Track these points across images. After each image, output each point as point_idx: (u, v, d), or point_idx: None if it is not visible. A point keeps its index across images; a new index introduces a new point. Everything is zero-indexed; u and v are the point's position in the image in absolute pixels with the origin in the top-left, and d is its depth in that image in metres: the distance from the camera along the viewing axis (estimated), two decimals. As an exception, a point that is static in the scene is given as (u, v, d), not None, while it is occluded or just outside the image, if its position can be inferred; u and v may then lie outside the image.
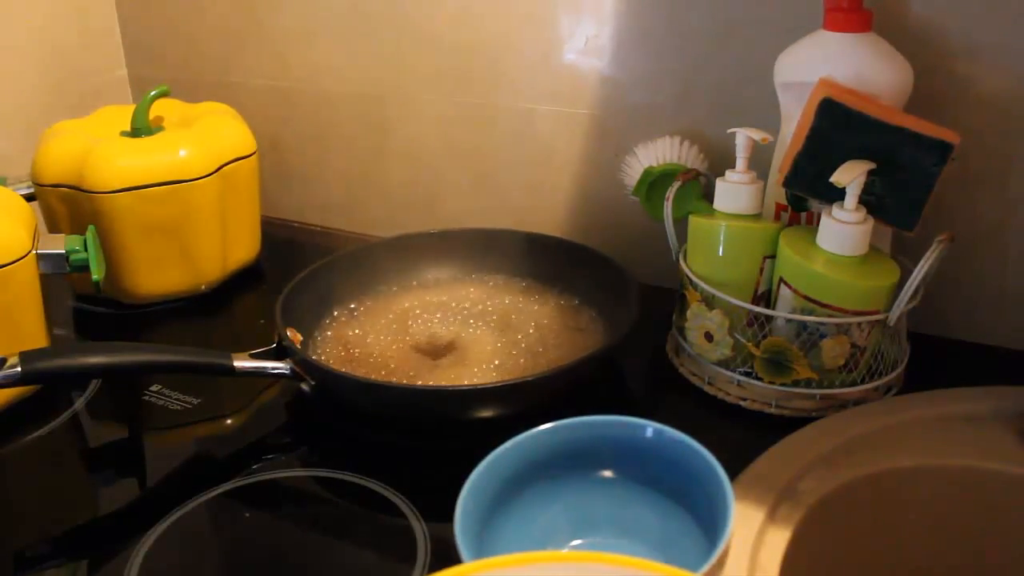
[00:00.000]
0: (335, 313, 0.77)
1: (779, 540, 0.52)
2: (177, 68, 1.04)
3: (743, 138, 0.67)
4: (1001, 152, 0.70)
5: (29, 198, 0.78)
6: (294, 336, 0.69)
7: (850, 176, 0.60)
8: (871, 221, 0.62)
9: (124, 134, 0.85)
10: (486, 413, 0.64)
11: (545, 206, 0.90)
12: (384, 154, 0.95)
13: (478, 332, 0.75)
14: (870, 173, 0.61)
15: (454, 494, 0.48)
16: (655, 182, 0.75)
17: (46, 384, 0.71)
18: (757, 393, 0.67)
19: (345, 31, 0.92)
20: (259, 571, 0.55)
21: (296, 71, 0.96)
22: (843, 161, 0.61)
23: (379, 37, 0.91)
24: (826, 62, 0.63)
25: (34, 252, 0.70)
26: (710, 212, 0.70)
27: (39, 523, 0.61)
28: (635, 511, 0.54)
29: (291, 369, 0.67)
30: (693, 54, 0.78)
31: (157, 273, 0.84)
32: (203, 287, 0.87)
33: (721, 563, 0.45)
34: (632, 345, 0.69)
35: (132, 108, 0.85)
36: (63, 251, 0.72)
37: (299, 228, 1.04)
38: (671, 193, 0.71)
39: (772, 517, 0.53)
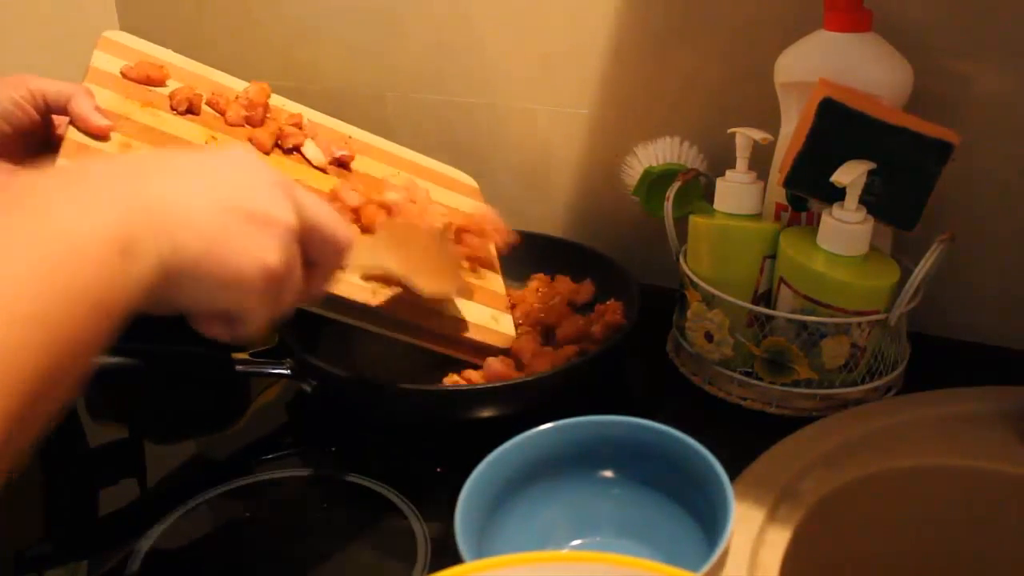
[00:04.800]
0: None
1: (779, 540, 0.52)
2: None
3: (743, 138, 0.67)
4: (1001, 152, 0.70)
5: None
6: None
7: (850, 176, 0.60)
8: (871, 221, 0.62)
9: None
10: (486, 413, 0.64)
11: (545, 206, 0.90)
12: (384, 154, 0.95)
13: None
14: (870, 173, 0.61)
15: (454, 494, 0.48)
16: (655, 182, 0.75)
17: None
18: (757, 393, 0.67)
19: (345, 31, 0.92)
20: (259, 571, 0.55)
21: (296, 71, 0.96)
22: (843, 161, 0.61)
23: (379, 37, 0.91)
24: (826, 62, 0.63)
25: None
26: (710, 212, 0.70)
27: (39, 523, 0.61)
28: (635, 511, 0.54)
29: (291, 369, 0.67)
30: (693, 54, 0.78)
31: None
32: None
33: (721, 563, 0.45)
34: (632, 345, 0.69)
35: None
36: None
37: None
38: (671, 193, 0.71)
39: (772, 517, 0.53)
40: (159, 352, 0.67)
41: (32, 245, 0.33)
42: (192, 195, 0.41)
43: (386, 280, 0.63)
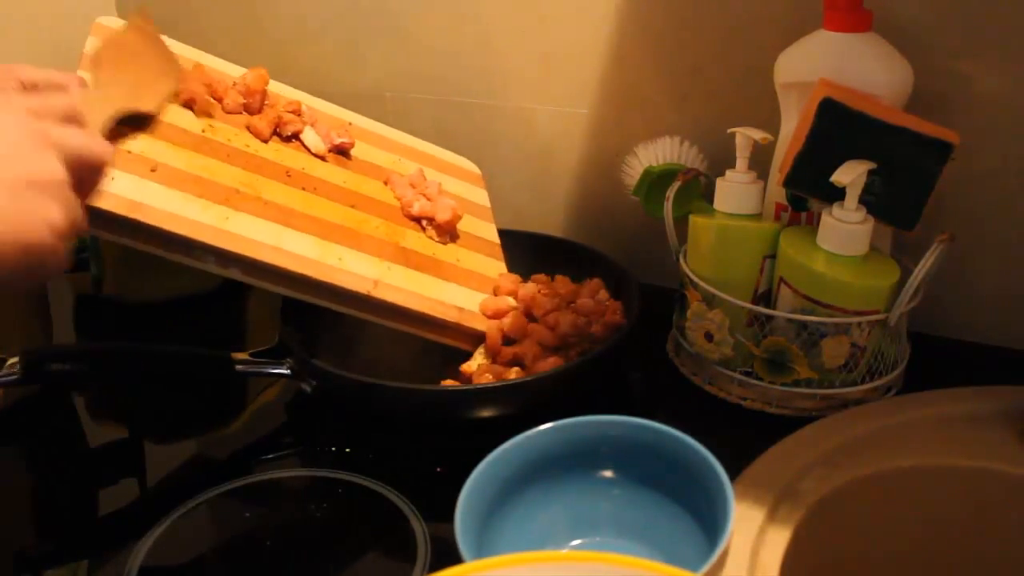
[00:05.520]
0: (337, 312, 0.77)
1: (779, 540, 0.52)
2: (177, 68, 1.03)
3: (743, 138, 0.67)
4: (1001, 152, 0.70)
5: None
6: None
7: (850, 176, 0.60)
8: (871, 221, 0.62)
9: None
10: (486, 413, 0.64)
11: (545, 206, 0.90)
12: (384, 154, 0.95)
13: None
14: (870, 173, 0.61)
15: (454, 494, 0.48)
16: (655, 182, 0.75)
17: (46, 384, 0.71)
18: (757, 393, 0.67)
19: (345, 31, 0.92)
20: (259, 571, 0.55)
21: (296, 71, 0.96)
22: (843, 161, 0.61)
23: (379, 37, 0.91)
24: (826, 62, 0.63)
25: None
26: (710, 212, 0.70)
27: (39, 523, 0.61)
28: (635, 511, 0.54)
29: (291, 369, 0.67)
30: (693, 54, 0.78)
31: (158, 273, 0.84)
32: (206, 288, 0.87)
33: (721, 563, 0.45)
34: (632, 345, 0.69)
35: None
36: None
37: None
38: (671, 193, 0.71)
39: (772, 517, 0.53)
40: (159, 352, 0.67)
41: None
42: None
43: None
